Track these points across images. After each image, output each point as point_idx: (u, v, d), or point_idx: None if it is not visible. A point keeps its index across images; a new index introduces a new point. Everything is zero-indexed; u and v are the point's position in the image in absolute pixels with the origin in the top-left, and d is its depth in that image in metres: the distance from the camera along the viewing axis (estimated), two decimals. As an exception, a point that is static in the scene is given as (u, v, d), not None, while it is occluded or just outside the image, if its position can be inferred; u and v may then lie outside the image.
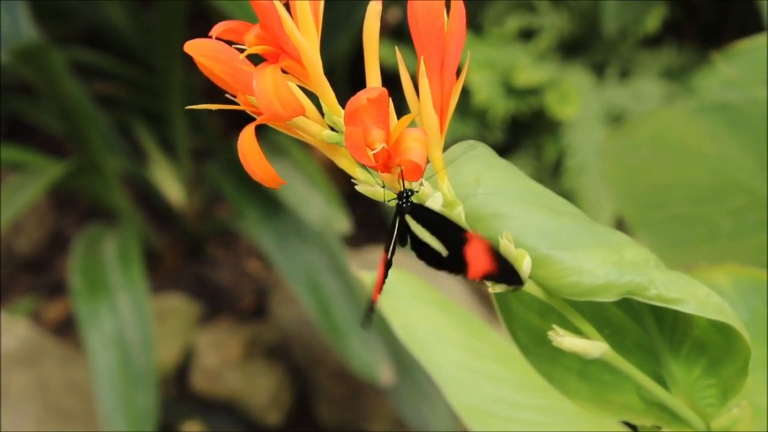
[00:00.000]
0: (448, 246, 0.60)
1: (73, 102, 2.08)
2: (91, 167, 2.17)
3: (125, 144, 2.37)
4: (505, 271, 0.59)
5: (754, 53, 1.31)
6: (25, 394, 2.08)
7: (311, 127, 0.59)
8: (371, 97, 0.55)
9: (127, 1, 2.37)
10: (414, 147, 0.56)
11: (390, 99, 0.56)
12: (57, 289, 2.40)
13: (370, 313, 0.63)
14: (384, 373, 1.89)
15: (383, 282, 0.63)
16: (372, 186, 0.60)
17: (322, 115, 0.60)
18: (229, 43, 0.59)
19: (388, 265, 0.62)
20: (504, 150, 2.36)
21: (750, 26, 2.09)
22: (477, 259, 0.59)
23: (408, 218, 0.60)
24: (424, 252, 0.61)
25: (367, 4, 0.59)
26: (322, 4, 0.59)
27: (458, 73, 0.61)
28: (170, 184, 2.40)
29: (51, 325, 2.34)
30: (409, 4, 0.59)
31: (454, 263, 0.60)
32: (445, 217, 0.60)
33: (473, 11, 2.39)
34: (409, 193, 0.59)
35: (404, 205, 0.60)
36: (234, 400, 2.21)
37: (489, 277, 0.60)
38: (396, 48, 0.64)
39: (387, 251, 0.62)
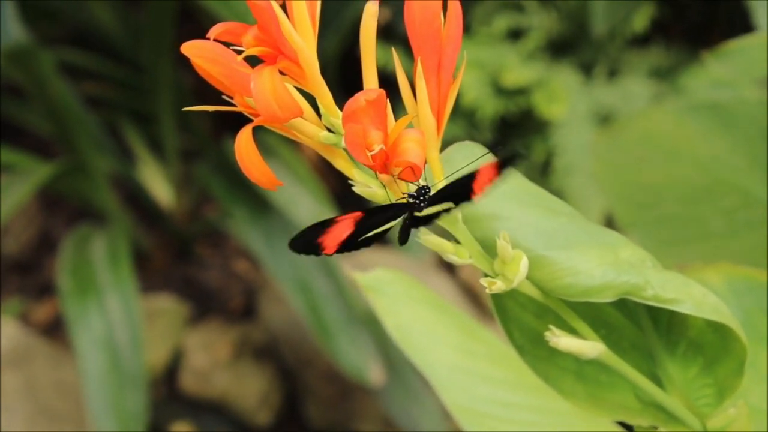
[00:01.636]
0: (455, 195, 0.59)
1: (62, 103, 2.08)
2: (80, 168, 2.17)
3: (114, 145, 2.36)
4: (506, 164, 0.58)
5: (744, 53, 1.32)
6: (15, 395, 2.08)
7: (308, 129, 0.59)
8: (369, 99, 0.55)
9: (115, 1, 2.36)
10: (412, 148, 0.56)
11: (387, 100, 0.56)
12: (45, 290, 2.40)
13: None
14: (373, 374, 1.89)
15: None
16: (369, 187, 0.60)
17: (319, 116, 0.60)
18: (226, 44, 0.59)
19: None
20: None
21: (738, 26, 2.10)
22: (482, 181, 0.58)
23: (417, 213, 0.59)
24: (427, 220, 0.60)
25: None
26: (319, 5, 0.59)
27: (454, 74, 0.61)
28: (159, 185, 2.39)
29: (40, 326, 2.33)
30: (406, 5, 0.59)
31: (459, 201, 0.59)
32: (448, 186, 0.60)
33: (462, 11, 2.38)
34: (426, 191, 0.59)
35: (422, 204, 0.59)
36: (223, 400, 2.21)
37: (494, 181, 0.58)
38: (393, 50, 0.64)
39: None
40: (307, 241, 0.61)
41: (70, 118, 2.10)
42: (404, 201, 0.60)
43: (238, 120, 0.59)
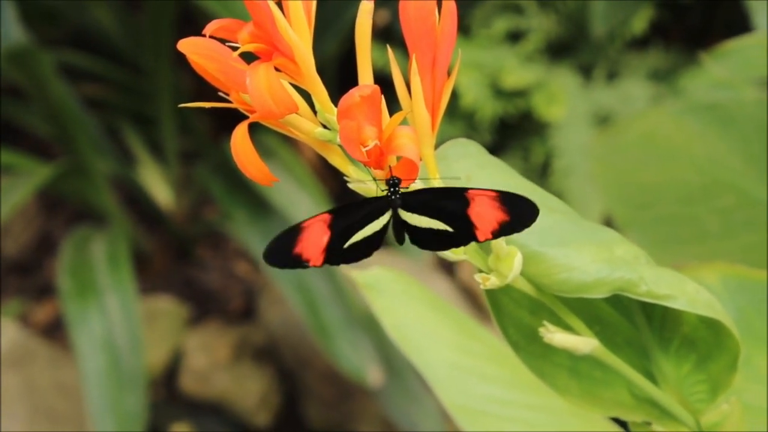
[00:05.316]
0: (451, 219, 0.59)
1: (62, 104, 2.08)
2: (80, 169, 2.17)
3: (113, 146, 2.36)
4: (518, 212, 0.58)
5: (742, 53, 1.32)
6: (14, 396, 2.08)
7: (304, 125, 0.60)
8: (364, 95, 0.55)
9: (114, 2, 2.37)
10: (406, 143, 0.56)
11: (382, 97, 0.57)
12: (45, 291, 2.40)
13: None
14: (372, 375, 1.89)
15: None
16: (364, 183, 0.61)
17: (315, 113, 0.60)
18: (222, 41, 0.59)
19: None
20: (492, 152, 2.36)
21: (736, 27, 2.10)
22: (485, 216, 0.58)
23: (402, 212, 0.60)
24: (426, 239, 0.61)
25: (354, 5, 0.60)
26: (314, 2, 0.59)
27: (449, 72, 0.61)
28: (159, 187, 2.39)
29: (39, 327, 2.33)
30: (401, 3, 0.59)
31: (462, 235, 0.59)
32: (438, 189, 0.60)
33: (461, 13, 2.38)
34: (397, 181, 0.59)
35: (394, 197, 0.59)
36: (223, 401, 2.21)
37: (504, 228, 0.58)
38: (388, 47, 0.65)
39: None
40: (282, 255, 0.60)
41: (69, 120, 2.10)
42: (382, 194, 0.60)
43: (238, 121, 0.59)
